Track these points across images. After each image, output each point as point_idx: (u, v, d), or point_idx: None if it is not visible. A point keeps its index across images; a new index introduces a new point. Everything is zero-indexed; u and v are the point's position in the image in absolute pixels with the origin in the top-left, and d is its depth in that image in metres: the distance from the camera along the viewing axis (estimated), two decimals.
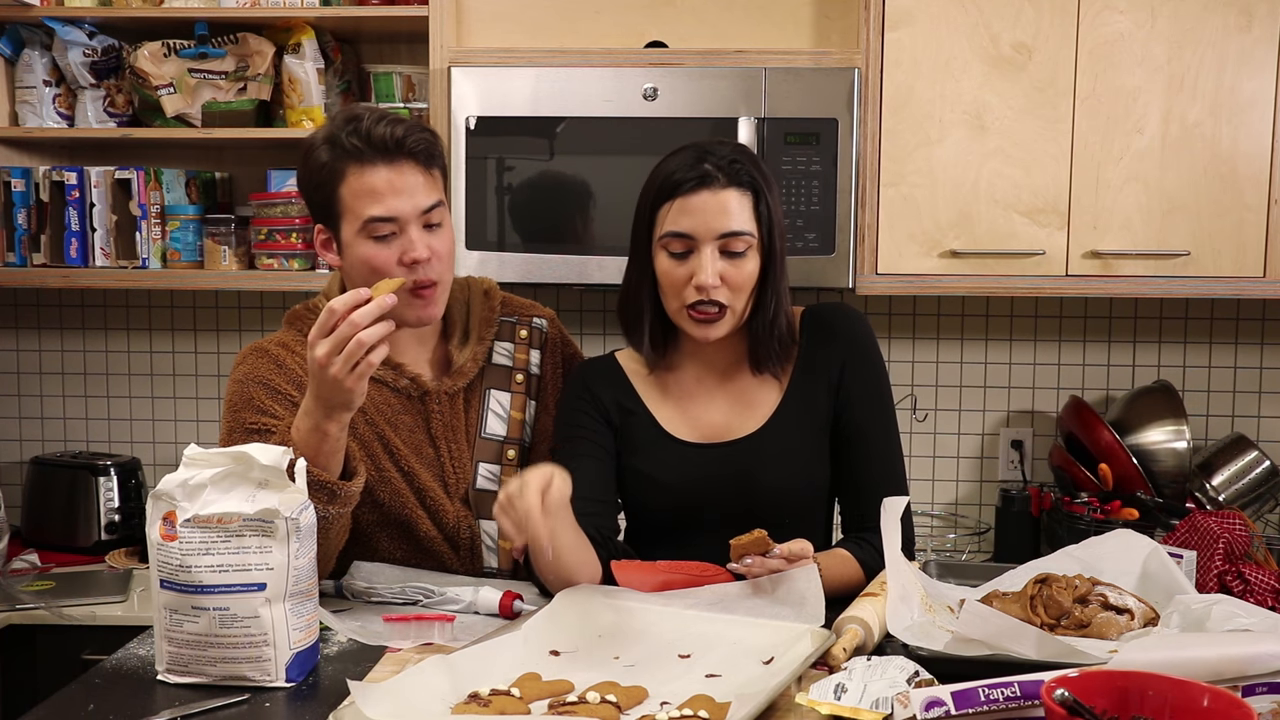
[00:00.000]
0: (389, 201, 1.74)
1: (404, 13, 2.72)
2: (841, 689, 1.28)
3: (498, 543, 1.88)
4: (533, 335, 1.98)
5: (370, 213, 1.74)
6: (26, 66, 2.86)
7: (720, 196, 1.72)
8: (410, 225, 1.75)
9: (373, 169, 1.74)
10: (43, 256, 2.87)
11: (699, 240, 1.72)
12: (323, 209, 1.80)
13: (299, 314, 1.90)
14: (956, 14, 2.56)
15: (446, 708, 1.29)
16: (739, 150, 1.77)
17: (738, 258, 1.73)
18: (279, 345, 1.85)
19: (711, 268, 1.71)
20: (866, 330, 1.87)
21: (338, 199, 1.77)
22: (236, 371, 1.83)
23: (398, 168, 1.75)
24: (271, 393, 1.79)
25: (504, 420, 1.92)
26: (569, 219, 2.64)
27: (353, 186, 1.75)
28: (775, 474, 1.80)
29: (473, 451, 1.89)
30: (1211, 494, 2.71)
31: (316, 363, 1.55)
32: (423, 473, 1.85)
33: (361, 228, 1.75)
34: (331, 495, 1.62)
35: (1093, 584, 1.55)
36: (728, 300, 1.73)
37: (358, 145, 1.74)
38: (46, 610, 2.46)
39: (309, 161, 1.79)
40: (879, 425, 1.84)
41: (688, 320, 1.75)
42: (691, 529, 1.80)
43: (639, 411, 1.84)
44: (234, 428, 1.78)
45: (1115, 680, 1.16)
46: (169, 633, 1.42)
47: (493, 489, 1.88)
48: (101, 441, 3.15)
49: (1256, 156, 2.54)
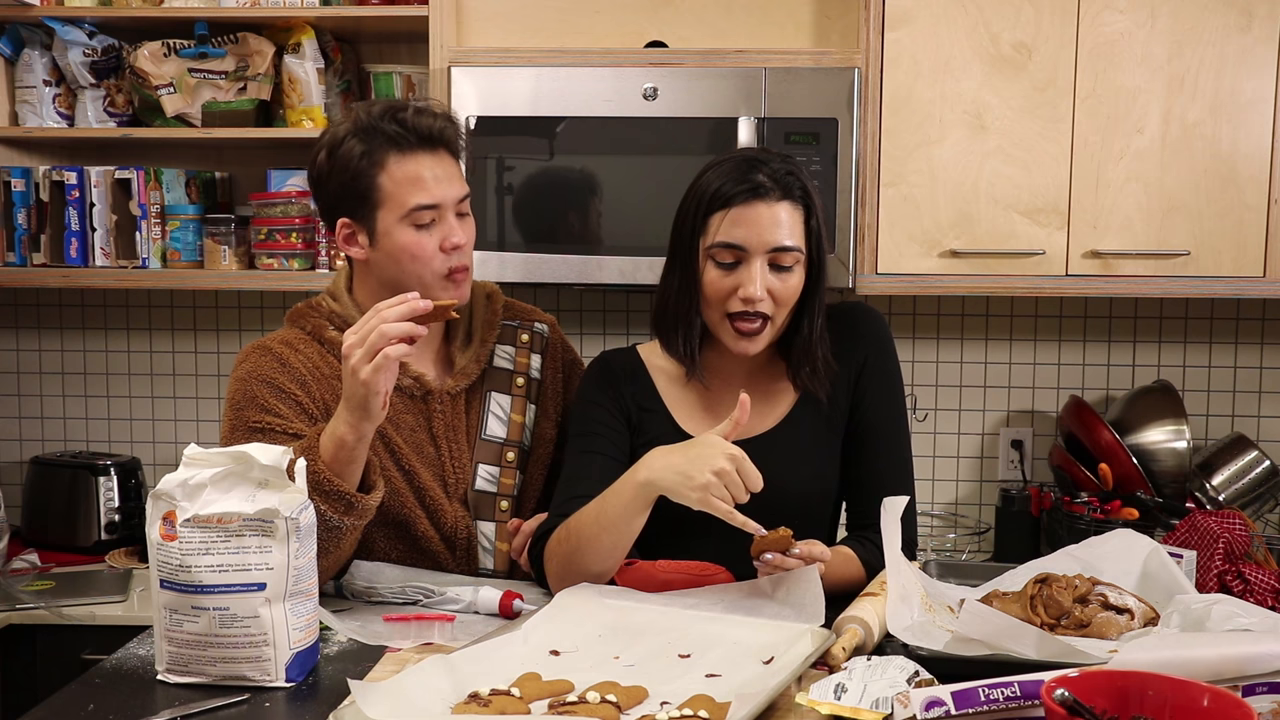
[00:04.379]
0: (433, 189, 1.78)
1: (404, 12, 2.72)
2: (841, 689, 1.28)
3: (494, 545, 1.89)
4: (534, 340, 1.99)
5: (417, 200, 1.77)
6: (26, 66, 2.86)
7: (774, 209, 1.71)
8: (449, 212, 1.80)
9: (414, 157, 1.78)
10: (43, 256, 2.87)
11: (750, 252, 1.71)
12: (354, 200, 1.80)
13: (302, 312, 1.90)
14: (956, 14, 2.56)
15: (446, 708, 1.29)
16: (790, 163, 1.76)
17: (785, 272, 1.72)
18: (282, 343, 1.85)
19: (760, 280, 1.70)
20: (886, 331, 1.88)
21: (376, 187, 1.78)
22: (239, 369, 1.83)
23: (437, 157, 1.80)
24: (275, 391, 1.79)
25: (504, 423, 1.92)
26: (569, 219, 2.64)
27: (394, 175, 1.77)
28: (785, 474, 1.79)
29: (473, 452, 1.89)
30: (1211, 494, 2.71)
31: (344, 353, 1.59)
32: (423, 472, 1.85)
33: (405, 215, 1.78)
34: (348, 506, 1.63)
35: (1093, 584, 1.55)
36: (771, 312, 1.73)
37: (400, 133, 1.77)
38: (46, 610, 2.46)
39: (339, 153, 1.79)
40: (891, 426, 1.85)
41: (729, 332, 1.75)
42: (699, 526, 1.80)
43: (657, 408, 1.85)
44: (236, 425, 1.78)
45: (1115, 680, 1.16)
46: (169, 633, 1.42)
47: (491, 490, 1.89)
48: (101, 441, 3.15)
49: (1256, 156, 2.54)
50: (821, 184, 2.55)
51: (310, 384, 1.81)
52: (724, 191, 1.71)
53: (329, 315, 1.87)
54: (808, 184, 1.75)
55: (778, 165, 1.74)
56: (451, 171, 1.82)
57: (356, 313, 1.83)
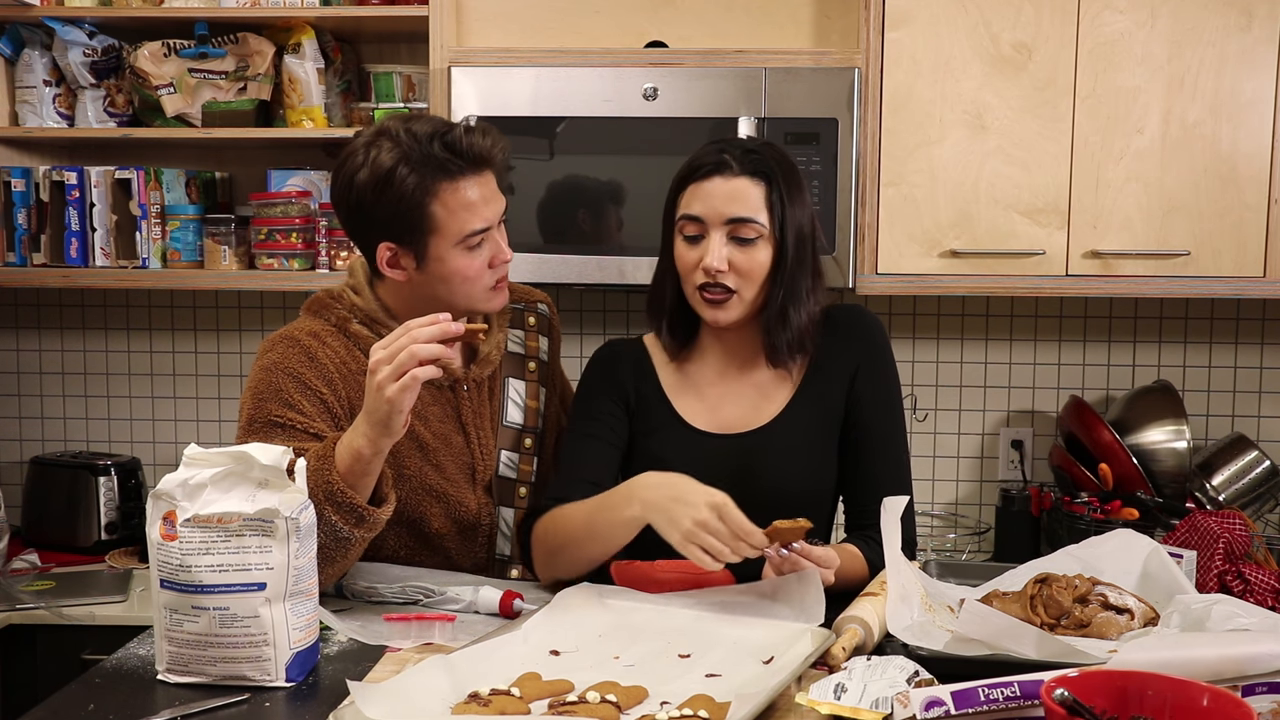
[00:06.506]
0: (484, 212, 1.79)
1: (404, 13, 2.72)
2: (841, 689, 1.28)
3: (513, 531, 1.92)
4: (540, 322, 2.03)
5: (472, 227, 1.77)
6: (26, 66, 2.86)
7: (733, 183, 1.76)
8: (495, 230, 1.82)
9: (465, 182, 1.77)
10: (43, 256, 2.87)
11: (709, 224, 1.77)
12: (402, 228, 1.77)
13: (324, 302, 1.88)
14: (956, 14, 2.55)
15: (446, 707, 1.29)
16: (763, 145, 1.83)
17: (747, 245, 1.76)
18: (309, 335, 1.83)
19: (718, 251, 1.75)
20: (882, 333, 1.90)
21: (428, 216, 1.76)
22: (265, 358, 1.81)
23: (484, 177, 1.80)
24: (301, 387, 1.78)
25: (521, 409, 1.97)
26: (569, 219, 2.64)
27: (448, 203, 1.76)
28: (780, 469, 1.81)
29: (496, 439, 1.93)
30: (1211, 494, 2.71)
31: (369, 370, 1.58)
32: (449, 464, 1.87)
33: (460, 241, 1.77)
34: (360, 519, 1.62)
35: (1093, 584, 1.55)
36: (735, 285, 1.77)
37: (450, 160, 1.75)
38: (46, 610, 2.46)
39: (390, 187, 1.73)
40: (888, 428, 1.86)
41: (701, 303, 1.80)
42: None
43: (657, 397, 1.89)
44: (256, 417, 1.76)
45: (1115, 680, 1.16)
46: (169, 632, 1.42)
47: (512, 476, 1.94)
48: (101, 441, 3.15)
49: (1256, 156, 2.54)
50: (821, 184, 2.55)
51: (337, 382, 1.80)
52: (690, 167, 1.80)
53: (351, 309, 1.87)
54: (775, 163, 1.78)
55: (746, 144, 1.81)
56: (495, 189, 1.82)
57: (380, 310, 1.85)
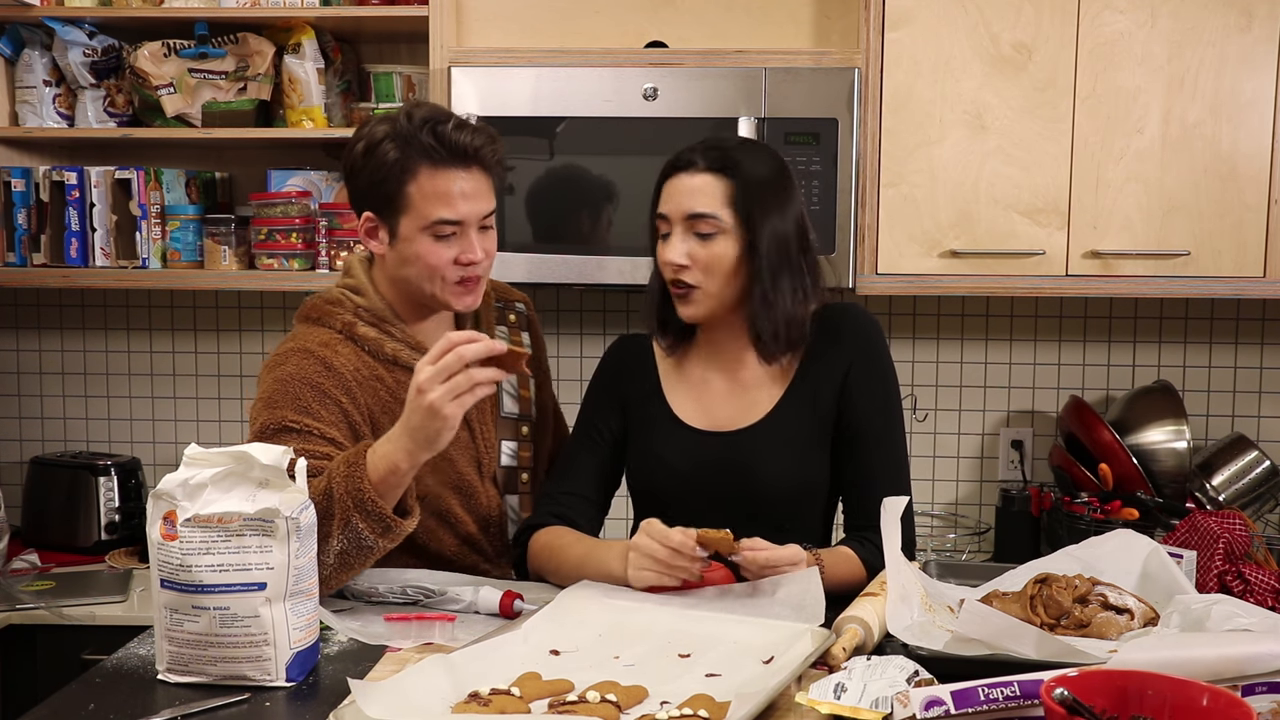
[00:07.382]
0: (458, 206, 1.80)
1: (404, 13, 2.72)
2: (841, 688, 1.28)
3: (520, 517, 1.97)
4: (519, 319, 2.08)
5: (439, 215, 1.79)
6: (26, 66, 2.86)
7: (695, 179, 1.78)
8: (471, 229, 1.82)
9: (446, 173, 1.79)
10: (43, 256, 2.87)
11: (670, 220, 1.80)
12: (381, 200, 1.82)
13: (322, 309, 1.89)
14: (956, 14, 2.56)
15: (446, 707, 1.29)
16: (741, 142, 1.84)
17: (706, 239, 1.78)
18: (321, 345, 1.84)
19: (678, 247, 1.78)
20: (877, 332, 1.89)
21: (403, 194, 1.80)
22: (279, 370, 1.82)
23: (470, 174, 1.82)
24: (320, 396, 1.79)
25: (515, 399, 2.01)
26: (569, 219, 2.64)
27: (423, 187, 1.79)
28: (770, 466, 1.82)
29: (497, 431, 1.97)
30: (1211, 494, 2.71)
31: (416, 387, 1.58)
32: (459, 458, 1.90)
33: (427, 226, 1.80)
34: (386, 529, 1.63)
35: (1093, 584, 1.55)
36: (696, 280, 1.78)
37: (434, 147, 1.78)
38: (46, 610, 2.46)
39: (373, 156, 1.80)
40: (883, 426, 1.85)
41: (674, 299, 1.83)
42: (690, 516, 1.81)
43: (655, 393, 1.91)
44: (270, 422, 1.76)
45: (1115, 680, 1.16)
46: (169, 632, 1.42)
47: (514, 465, 1.99)
48: (101, 441, 3.15)
49: (1256, 156, 2.54)
50: (821, 184, 2.55)
51: (355, 390, 1.81)
52: (665, 166, 1.83)
53: (356, 311, 1.87)
54: (745, 158, 1.79)
55: (718, 141, 1.83)
56: (481, 188, 1.83)
57: (386, 309, 1.87)
